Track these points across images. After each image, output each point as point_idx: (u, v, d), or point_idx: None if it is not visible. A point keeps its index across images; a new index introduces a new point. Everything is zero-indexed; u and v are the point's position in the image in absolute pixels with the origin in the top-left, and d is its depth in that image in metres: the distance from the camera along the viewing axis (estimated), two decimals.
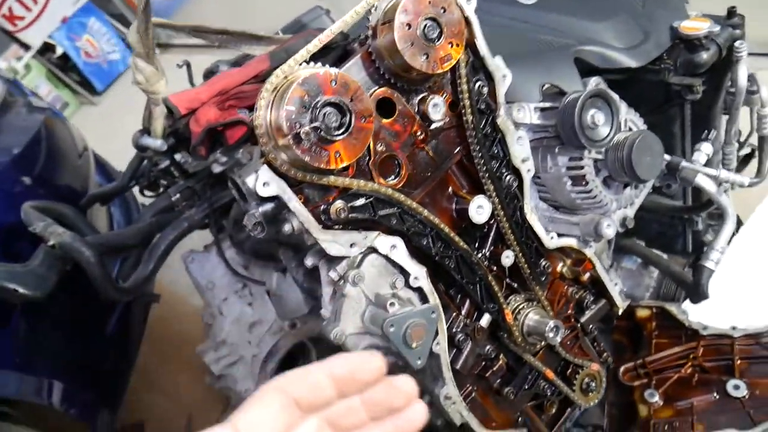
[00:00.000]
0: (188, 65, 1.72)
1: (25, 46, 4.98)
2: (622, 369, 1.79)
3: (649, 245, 1.95)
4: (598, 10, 1.52)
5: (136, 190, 1.99)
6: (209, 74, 1.84)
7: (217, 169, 1.40)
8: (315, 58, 1.07)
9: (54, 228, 1.50)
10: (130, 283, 1.59)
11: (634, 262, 2.00)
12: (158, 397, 2.90)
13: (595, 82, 1.33)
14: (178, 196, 1.72)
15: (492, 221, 1.26)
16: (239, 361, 1.82)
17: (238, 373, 1.83)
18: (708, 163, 1.51)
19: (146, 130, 1.56)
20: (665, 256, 1.91)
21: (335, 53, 1.31)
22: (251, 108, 1.05)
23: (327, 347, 1.12)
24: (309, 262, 1.20)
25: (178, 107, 1.25)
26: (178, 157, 1.56)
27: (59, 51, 5.10)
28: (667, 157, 1.56)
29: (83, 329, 1.90)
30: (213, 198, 1.65)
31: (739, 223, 1.98)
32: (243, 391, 1.86)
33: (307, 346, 1.87)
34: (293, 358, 1.90)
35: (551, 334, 1.25)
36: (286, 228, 1.06)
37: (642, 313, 1.90)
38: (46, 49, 5.09)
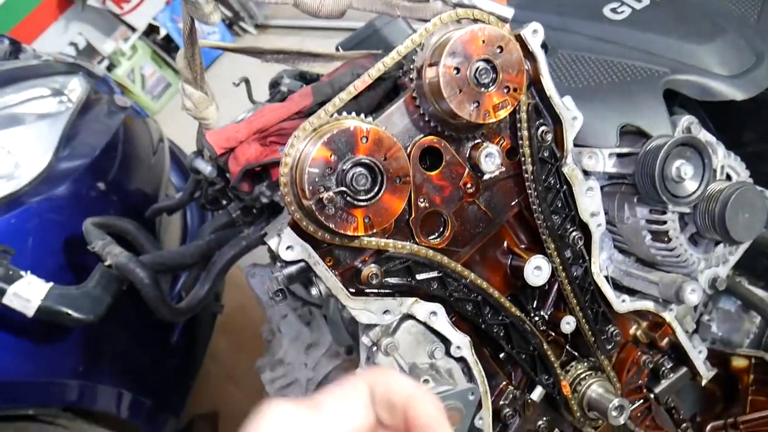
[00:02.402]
0: (247, 82, 1.66)
1: (132, 28, 5.20)
2: (709, 427, 1.58)
3: (755, 282, 1.72)
4: (700, 28, 1.29)
5: None
6: (274, 85, 1.77)
7: (264, 200, 1.33)
8: (361, 92, 0.96)
9: (111, 247, 1.51)
10: (185, 304, 1.58)
11: (733, 302, 1.76)
12: (232, 386, 2.96)
13: (686, 123, 1.13)
14: (238, 212, 1.69)
15: (553, 279, 1.12)
16: (294, 383, 1.78)
17: (292, 396, 1.79)
18: None
19: (200, 152, 1.53)
20: None
21: (386, 85, 1.19)
22: None
23: None
24: (346, 314, 1.12)
25: (214, 147, 1.19)
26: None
27: (163, 32, 5.29)
28: None
29: (148, 338, 1.93)
30: (271, 218, 1.61)
31: None
32: None
33: None
34: None
35: (614, 414, 1.10)
36: (314, 291, 0.98)
37: (739, 363, 1.66)
38: (151, 30, 5.30)
